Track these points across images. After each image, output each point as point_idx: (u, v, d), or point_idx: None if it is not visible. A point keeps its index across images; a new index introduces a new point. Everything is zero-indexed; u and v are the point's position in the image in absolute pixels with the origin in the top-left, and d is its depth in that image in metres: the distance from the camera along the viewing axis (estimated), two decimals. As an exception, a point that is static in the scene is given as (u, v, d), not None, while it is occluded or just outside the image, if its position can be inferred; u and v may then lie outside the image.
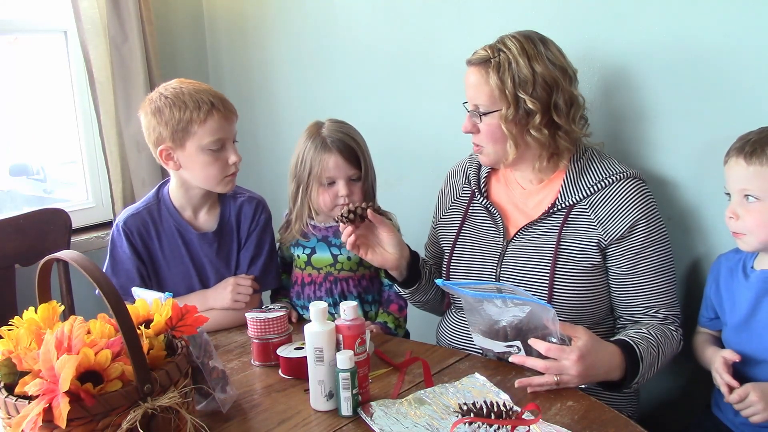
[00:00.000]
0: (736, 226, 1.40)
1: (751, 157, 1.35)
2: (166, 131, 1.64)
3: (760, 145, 1.35)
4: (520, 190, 1.65)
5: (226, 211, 1.80)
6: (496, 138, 1.55)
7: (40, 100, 2.45)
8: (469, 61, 1.56)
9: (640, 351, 1.41)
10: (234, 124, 1.71)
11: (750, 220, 1.37)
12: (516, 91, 1.49)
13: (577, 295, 1.52)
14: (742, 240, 1.41)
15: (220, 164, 1.68)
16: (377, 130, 2.21)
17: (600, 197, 1.54)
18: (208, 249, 1.77)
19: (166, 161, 1.69)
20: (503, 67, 1.50)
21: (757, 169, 1.34)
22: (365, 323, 1.33)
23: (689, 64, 1.59)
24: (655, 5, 1.62)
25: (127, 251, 1.73)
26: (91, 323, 1.06)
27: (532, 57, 1.50)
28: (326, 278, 1.77)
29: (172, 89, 1.65)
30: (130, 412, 0.97)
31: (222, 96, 1.69)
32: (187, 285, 1.78)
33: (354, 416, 1.26)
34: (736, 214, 1.39)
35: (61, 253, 1.02)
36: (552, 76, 1.50)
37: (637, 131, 1.71)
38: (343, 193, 1.70)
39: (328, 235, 1.77)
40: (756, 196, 1.35)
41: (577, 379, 1.32)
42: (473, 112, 1.56)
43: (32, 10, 2.34)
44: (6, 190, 2.51)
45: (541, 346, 1.32)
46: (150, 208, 1.76)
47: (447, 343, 1.69)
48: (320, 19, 2.32)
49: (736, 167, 1.38)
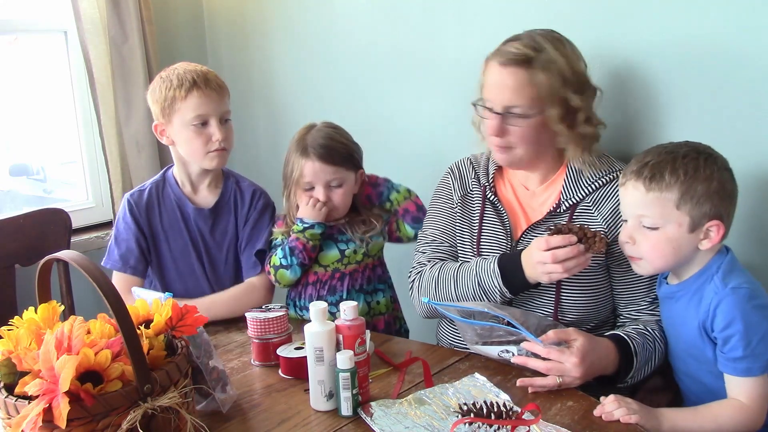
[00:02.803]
0: (632, 250, 1.37)
1: (650, 183, 1.30)
2: (157, 108, 1.78)
3: (659, 170, 1.30)
4: (523, 191, 1.65)
5: (226, 191, 1.88)
6: (530, 140, 1.51)
7: (40, 100, 2.45)
8: (503, 62, 1.48)
9: (634, 345, 1.42)
10: (219, 103, 1.77)
11: (646, 246, 1.34)
12: (564, 90, 1.47)
13: (584, 295, 1.53)
14: (638, 265, 1.39)
15: (203, 139, 1.76)
16: (377, 130, 2.22)
17: (602, 194, 1.54)
18: (203, 224, 1.85)
19: (161, 136, 1.81)
20: (549, 65, 1.46)
21: (656, 196, 1.30)
22: (364, 323, 1.33)
23: (694, 63, 1.58)
24: (660, 5, 1.61)
25: (130, 222, 1.81)
26: (91, 323, 1.06)
27: (567, 55, 1.48)
28: (333, 275, 1.78)
29: (169, 70, 1.79)
30: (130, 412, 0.97)
31: (209, 76, 1.78)
32: (186, 260, 1.84)
33: (354, 416, 1.26)
34: (632, 239, 1.36)
35: (61, 253, 1.02)
36: (584, 73, 1.50)
37: (646, 131, 1.70)
38: (321, 199, 1.72)
39: (332, 232, 1.78)
40: (653, 224, 1.32)
41: (579, 380, 1.33)
42: (505, 114, 1.49)
43: (32, 10, 2.34)
44: (6, 190, 2.51)
45: (541, 350, 1.33)
46: (157, 184, 1.87)
47: (447, 343, 1.69)
48: (320, 19, 2.32)
49: (634, 192, 1.33)
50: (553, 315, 1.53)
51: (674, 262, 1.36)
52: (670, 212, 1.30)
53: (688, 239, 1.32)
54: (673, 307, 1.42)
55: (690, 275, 1.37)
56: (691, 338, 1.36)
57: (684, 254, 1.34)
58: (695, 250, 1.34)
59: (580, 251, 1.38)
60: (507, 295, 1.51)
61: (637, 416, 1.20)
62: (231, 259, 1.87)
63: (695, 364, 1.39)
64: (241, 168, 2.16)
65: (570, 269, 1.39)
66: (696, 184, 1.29)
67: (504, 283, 1.49)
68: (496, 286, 1.50)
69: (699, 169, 1.29)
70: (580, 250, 1.38)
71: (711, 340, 1.33)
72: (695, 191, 1.29)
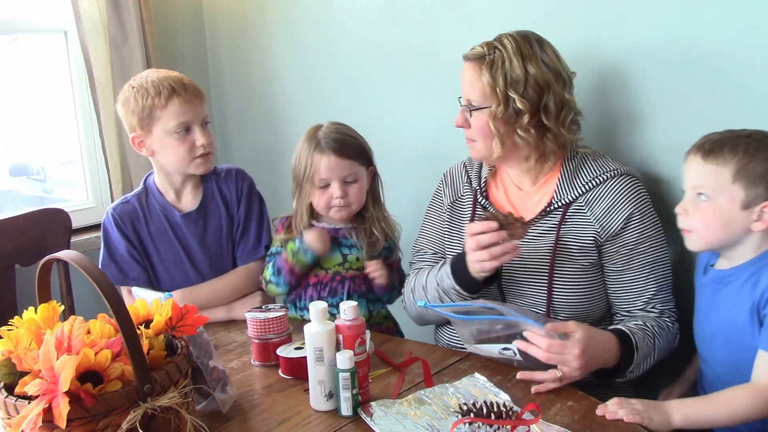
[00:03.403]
0: (684, 222, 1.38)
1: (708, 156, 1.33)
2: (134, 119, 1.72)
3: (720, 145, 1.32)
4: (517, 192, 1.65)
5: (208, 189, 1.85)
6: (485, 134, 1.55)
7: (40, 100, 2.45)
8: (465, 56, 1.57)
9: (635, 340, 1.43)
10: (199, 107, 1.75)
11: (698, 219, 1.35)
12: (506, 90, 1.50)
13: (577, 294, 1.53)
14: (688, 238, 1.39)
15: (188, 146, 1.73)
16: (377, 130, 2.21)
17: (595, 194, 1.54)
18: (194, 227, 1.83)
19: (140, 148, 1.76)
20: (496, 65, 1.50)
21: (712, 169, 1.32)
22: (364, 323, 1.33)
23: (686, 63, 1.59)
24: (653, 5, 1.62)
25: (118, 237, 1.79)
26: (91, 323, 1.06)
27: (527, 57, 1.50)
28: (333, 278, 1.77)
29: (140, 79, 1.74)
30: (130, 412, 0.97)
31: (185, 81, 1.74)
32: (179, 268, 1.82)
33: (354, 416, 1.26)
34: (685, 211, 1.37)
35: (61, 253, 1.02)
36: (544, 77, 1.50)
37: (635, 130, 1.71)
38: (338, 194, 1.69)
39: (336, 236, 1.77)
40: (707, 195, 1.33)
41: (579, 371, 1.32)
42: (466, 106, 1.56)
43: (32, 10, 2.34)
44: (6, 190, 2.52)
45: (542, 342, 1.32)
46: (139, 196, 1.84)
47: (446, 343, 1.69)
48: (320, 19, 2.32)
49: (693, 164, 1.36)
50: (545, 314, 1.53)
51: (724, 237, 1.35)
52: (725, 185, 1.31)
53: (740, 217, 1.32)
54: (721, 292, 1.39)
55: (746, 260, 1.36)
56: (739, 323, 1.34)
57: (735, 232, 1.34)
58: (747, 230, 1.33)
59: (503, 237, 1.41)
60: (462, 293, 1.53)
61: (640, 417, 1.20)
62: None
63: (736, 353, 1.36)
64: (241, 167, 2.16)
65: (497, 256, 1.42)
66: (754, 162, 1.30)
67: (456, 281, 1.52)
68: (450, 286, 1.54)
69: (760, 150, 1.30)
70: (502, 236, 1.41)
71: (760, 321, 1.31)
72: (752, 169, 1.29)
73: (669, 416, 1.24)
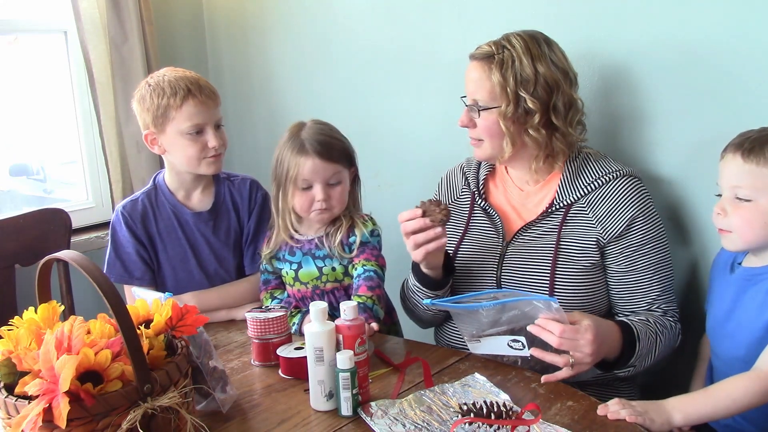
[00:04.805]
0: (723, 222, 1.37)
1: (749, 155, 1.31)
2: (148, 117, 1.72)
3: (760, 144, 1.31)
4: (517, 192, 1.65)
5: (220, 191, 1.86)
6: (493, 133, 1.55)
7: (40, 100, 2.44)
8: (473, 55, 1.56)
9: (637, 331, 1.43)
10: (214, 109, 1.75)
11: (737, 219, 1.34)
12: (517, 90, 1.50)
13: (578, 294, 1.53)
14: (727, 238, 1.38)
15: (199, 147, 1.73)
16: (377, 130, 2.21)
17: (598, 195, 1.54)
18: (204, 227, 1.83)
19: (152, 145, 1.77)
20: (506, 64, 1.50)
21: (752, 168, 1.31)
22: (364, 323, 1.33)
23: (688, 63, 1.59)
24: (656, 5, 1.62)
25: (127, 235, 1.79)
26: (91, 323, 1.06)
27: (536, 57, 1.50)
28: (314, 291, 1.72)
29: (157, 77, 1.74)
30: (130, 412, 0.97)
31: (201, 83, 1.73)
32: (184, 266, 1.83)
33: (354, 416, 1.26)
34: (724, 211, 1.36)
35: (61, 253, 1.02)
36: (554, 77, 1.51)
37: (636, 130, 1.71)
38: (320, 197, 1.63)
39: (311, 248, 1.70)
40: (747, 195, 1.32)
41: (591, 357, 1.32)
42: (472, 106, 1.56)
43: (32, 10, 2.34)
44: (6, 190, 2.51)
45: (555, 327, 1.30)
46: (148, 194, 1.84)
47: (446, 343, 1.69)
48: (320, 19, 2.32)
49: (731, 163, 1.34)
50: None
51: (764, 237, 1.34)
52: (765, 185, 1.30)
53: None
54: (750, 290, 1.38)
55: None
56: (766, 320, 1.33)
57: None
58: None
59: (426, 224, 1.44)
60: (423, 290, 1.57)
61: (642, 418, 1.20)
62: (239, 255, 1.87)
63: (755, 351, 1.32)
64: (241, 168, 2.16)
65: (420, 243, 1.44)
66: None
67: (417, 279, 1.57)
68: (414, 284, 1.58)
69: None
70: (425, 222, 1.43)
71: None
72: None
73: (670, 416, 1.24)
